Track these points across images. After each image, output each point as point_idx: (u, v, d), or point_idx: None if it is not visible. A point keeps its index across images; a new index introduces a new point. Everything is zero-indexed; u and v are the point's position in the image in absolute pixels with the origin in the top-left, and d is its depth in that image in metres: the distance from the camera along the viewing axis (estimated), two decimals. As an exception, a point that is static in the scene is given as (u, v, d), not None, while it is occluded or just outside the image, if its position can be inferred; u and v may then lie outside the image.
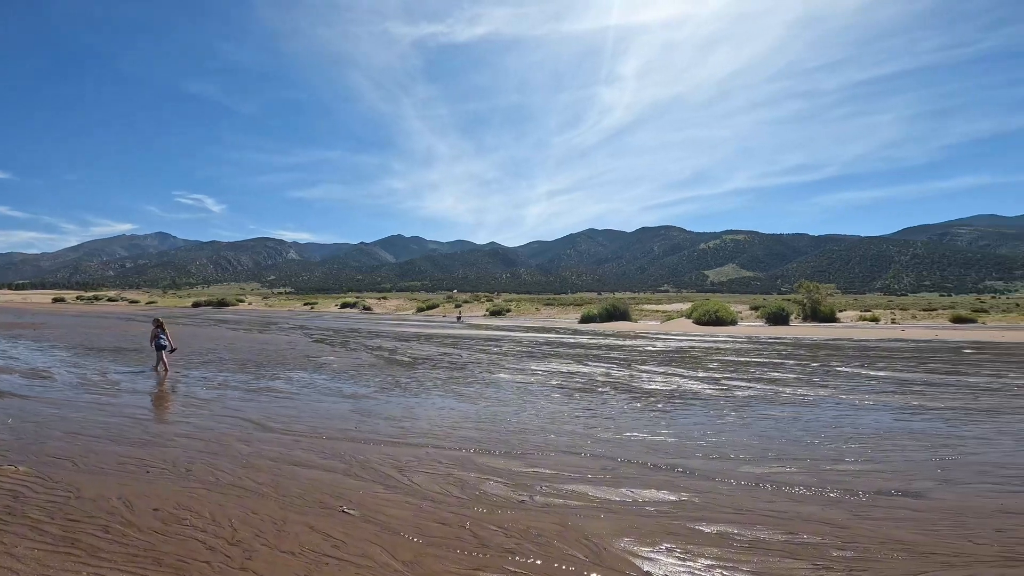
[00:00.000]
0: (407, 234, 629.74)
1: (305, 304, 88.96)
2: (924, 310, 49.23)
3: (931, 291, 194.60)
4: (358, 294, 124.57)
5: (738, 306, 53.80)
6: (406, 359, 18.02)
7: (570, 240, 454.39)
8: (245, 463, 6.47)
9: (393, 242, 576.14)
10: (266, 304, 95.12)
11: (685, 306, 54.85)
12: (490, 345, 23.75)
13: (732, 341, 26.28)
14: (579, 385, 12.42)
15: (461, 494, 5.49)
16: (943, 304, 59.83)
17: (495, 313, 63.97)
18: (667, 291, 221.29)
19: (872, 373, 14.11)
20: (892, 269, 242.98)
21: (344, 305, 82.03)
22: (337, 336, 28.80)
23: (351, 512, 5.01)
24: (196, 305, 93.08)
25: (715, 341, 26.38)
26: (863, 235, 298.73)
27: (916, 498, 5.21)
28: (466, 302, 76.99)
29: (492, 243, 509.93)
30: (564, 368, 15.53)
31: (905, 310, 50.54)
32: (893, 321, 43.50)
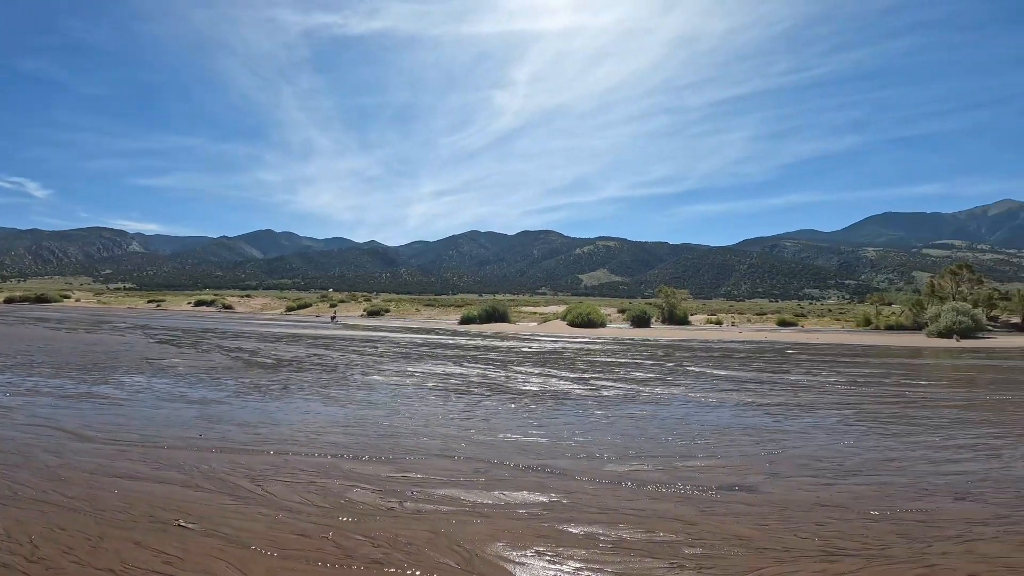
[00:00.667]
0: (278, 229, 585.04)
1: (150, 302, 78.76)
2: (757, 314, 56.59)
3: (764, 297, 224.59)
4: (217, 291, 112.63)
5: (608, 309, 57.54)
6: (269, 361, 16.63)
7: (453, 241, 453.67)
8: (53, 476, 5.66)
9: (261, 237, 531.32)
10: (99, 301, 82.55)
11: (561, 308, 57.37)
12: (365, 346, 22.80)
13: (601, 343, 27.95)
14: (455, 387, 12.34)
15: (324, 503, 5.15)
16: (772, 309, 69.26)
17: (373, 313, 61.81)
18: (545, 294, 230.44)
19: (716, 372, 15.80)
20: (733, 277, 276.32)
21: (200, 303, 73.87)
22: (187, 337, 25.79)
23: (189, 526, 4.50)
24: (9, 301, 77.98)
25: (587, 342, 27.87)
26: (711, 245, 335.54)
27: (750, 492, 5.68)
28: (342, 302, 73.34)
29: (372, 242, 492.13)
30: (441, 370, 15.35)
31: (742, 314, 57.68)
32: (733, 324, 49.43)
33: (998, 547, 4.26)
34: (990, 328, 39.22)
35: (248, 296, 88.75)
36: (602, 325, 43.88)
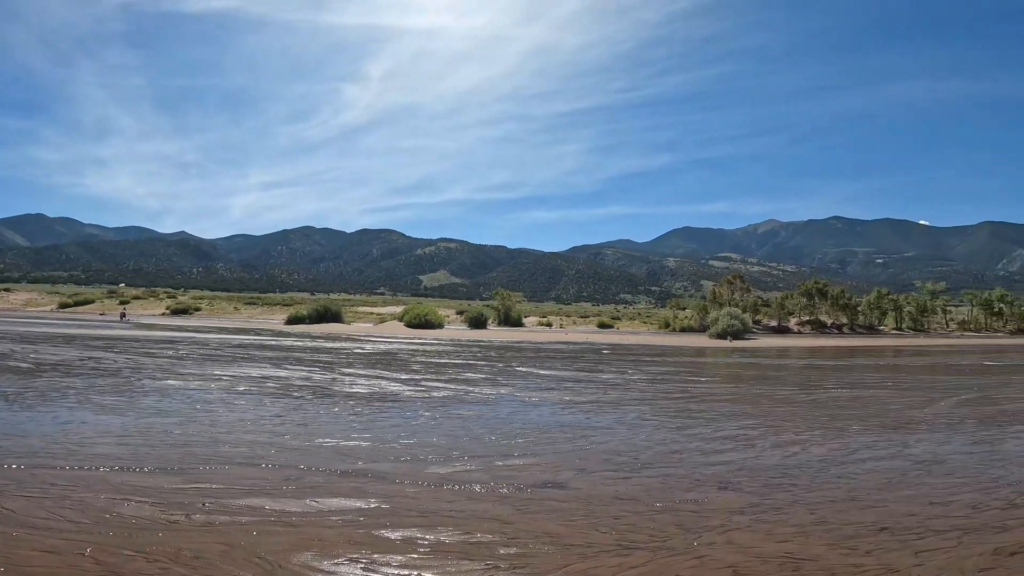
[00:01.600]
0: (52, 214, 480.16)
1: None
2: (582, 317, 61.95)
3: (588, 301, 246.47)
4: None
5: (447, 310, 57.94)
6: (25, 365, 13.49)
7: (283, 236, 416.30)
8: None
9: (28, 222, 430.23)
10: None
11: (399, 309, 56.28)
12: (163, 348, 19.75)
13: (438, 344, 28.00)
14: (271, 391, 11.28)
15: (82, 518, 4.44)
16: (594, 312, 76.39)
17: (179, 312, 54.08)
18: (384, 294, 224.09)
19: (541, 372, 16.84)
20: (563, 281, 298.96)
21: (-75, 292, 57.28)
22: (-101, 336, 19.74)
23: None
24: None
25: (423, 343, 27.68)
26: (545, 250, 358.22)
27: (561, 489, 5.89)
28: (136, 298, 62.85)
29: (182, 233, 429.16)
30: (257, 373, 13.93)
31: (569, 317, 62.65)
32: (561, 326, 53.38)
33: (750, 536, 4.56)
34: (755, 330, 47.92)
35: (8, 290, 71.31)
36: (440, 326, 44.05)
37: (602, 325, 53.72)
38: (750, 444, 7.87)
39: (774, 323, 51.90)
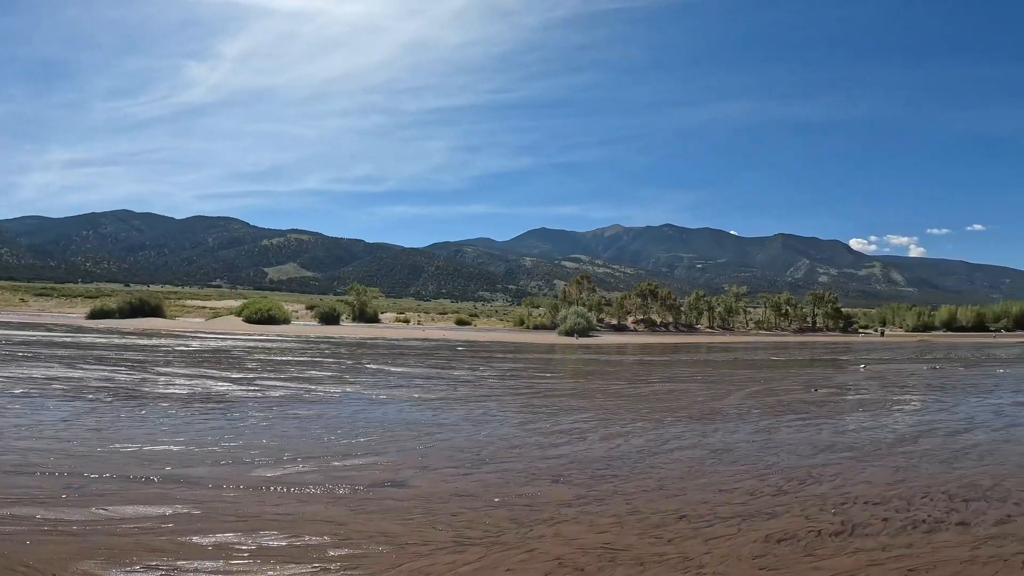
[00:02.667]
0: None
1: None
2: (440, 314, 61.94)
3: (447, 298, 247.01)
4: None
5: (295, 305, 54.00)
6: None
7: (91, 220, 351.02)
8: None
9: None
10: None
11: (237, 303, 51.10)
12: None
13: (281, 340, 25.95)
14: (59, 392, 9.56)
15: None
16: (452, 309, 76.86)
17: (-67, 299, 43.05)
18: (221, 287, 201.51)
19: (393, 369, 16.47)
20: (422, 278, 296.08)
21: None
22: None
23: None
24: None
25: (264, 340, 25.44)
26: (405, 246, 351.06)
27: (401, 487, 5.78)
28: None
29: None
30: (42, 374, 11.66)
31: (428, 313, 62.27)
32: (419, 323, 52.82)
33: (575, 528, 4.73)
34: (598, 328, 52.02)
35: None
36: (286, 322, 40.90)
37: (460, 322, 54.26)
38: (582, 437, 8.26)
39: (615, 321, 56.87)
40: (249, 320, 39.02)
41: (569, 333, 41.37)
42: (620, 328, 54.50)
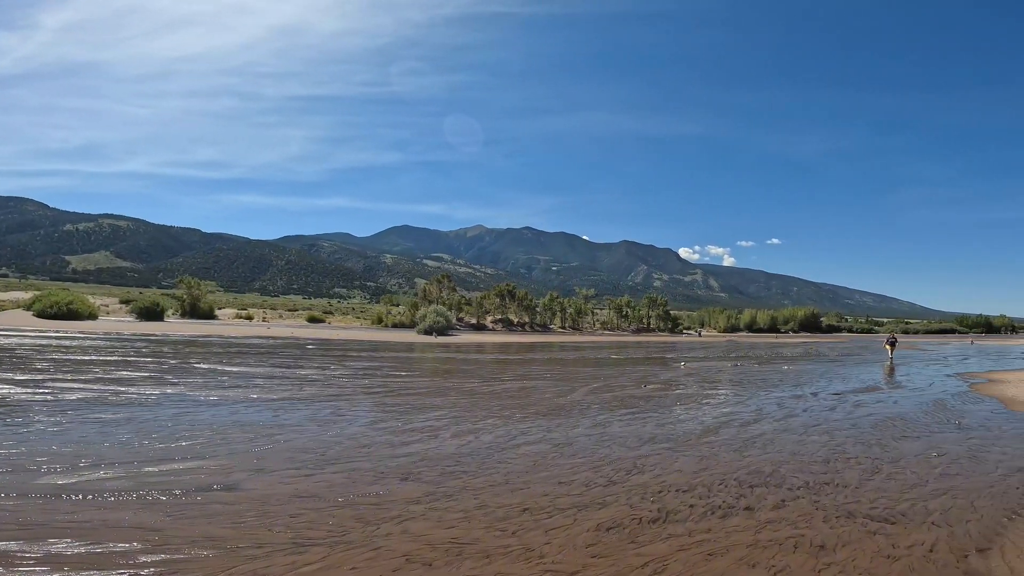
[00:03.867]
0: None
1: None
2: (290, 311, 57.54)
3: (299, 294, 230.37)
4: None
5: (105, 299, 46.27)
6: None
7: None
8: None
9: None
10: None
11: (27, 295, 42.41)
12: None
13: (84, 337, 22.11)
14: None
15: None
16: (304, 306, 71.90)
17: None
18: (7, 276, 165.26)
19: (228, 369, 14.93)
20: (270, 272, 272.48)
21: None
22: None
23: None
24: None
25: (60, 337, 21.45)
26: (251, 237, 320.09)
27: (231, 491, 5.42)
28: None
29: None
30: None
31: (275, 310, 57.47)
32: (264, 320, 48.51)
33: (423, 524, 4.78)
34: (458, 327, 52.50)
35: None
36: (92, 317, 34.93)
37: (312, 319, 50.93)
38: (434, 435, 8.26)
39: (474, 321, 57.87)
40: (42, 315, 32.60)
41: (428, 332, 41.17)
42: (479, 327, 55.60)
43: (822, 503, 5.52)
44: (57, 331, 24.72)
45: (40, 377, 11.26)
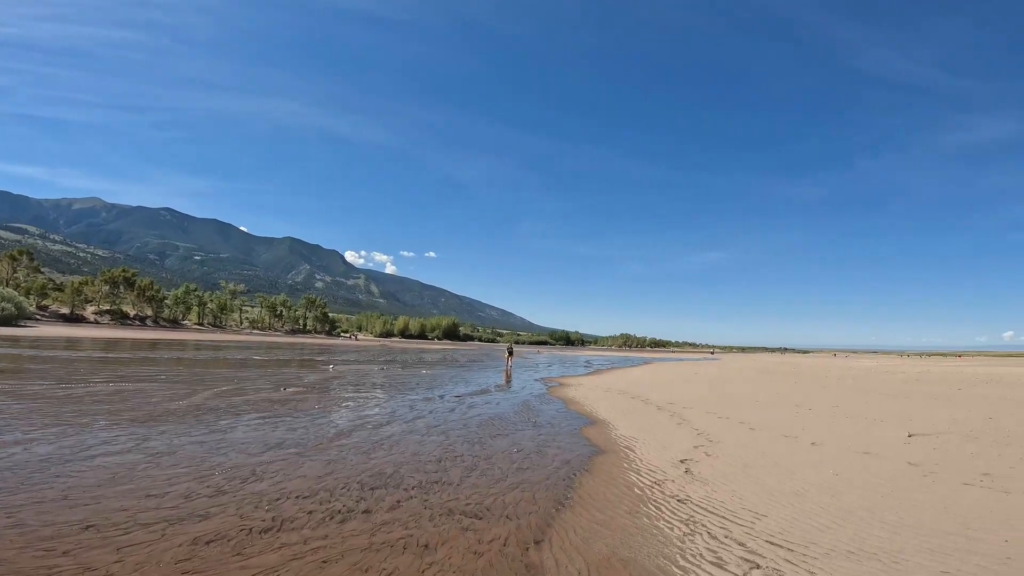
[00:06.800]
0: None
1: None
2: None
3: None
4: None
5: None
6: None
7: None
8: None
9: None
10: None
11: None
12: None
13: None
14: None
15: None
16: None
17: None
18: None
19: None
20: None
21: None
22: None
23: None
24: None
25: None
26: None
27: None
28: None
29: None
30: None
31: None
32: None
33: None
34: (39, 317, 39.30)
35: None
36: None
37: None
38: None
39: (67, 311, 44.34)
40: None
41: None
42: (75, 319, 42.96)
43: (430, 502, 5.67)
44: None
45: None
